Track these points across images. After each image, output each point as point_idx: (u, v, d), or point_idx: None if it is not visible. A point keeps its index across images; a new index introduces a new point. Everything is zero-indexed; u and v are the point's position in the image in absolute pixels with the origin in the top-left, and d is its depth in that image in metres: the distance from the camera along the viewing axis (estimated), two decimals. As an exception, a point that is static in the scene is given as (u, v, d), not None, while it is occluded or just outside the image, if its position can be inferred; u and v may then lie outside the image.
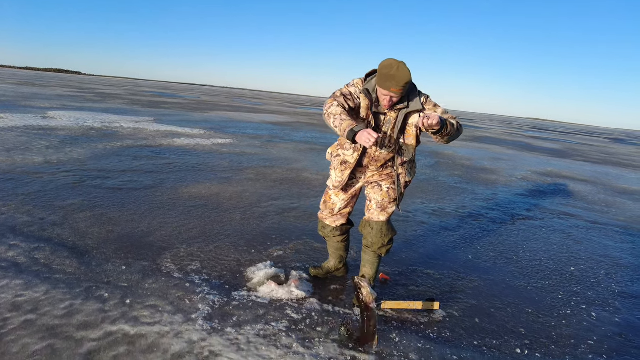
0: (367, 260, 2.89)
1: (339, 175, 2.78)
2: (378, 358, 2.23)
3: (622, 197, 8.03)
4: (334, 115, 2.37)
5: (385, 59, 2.42)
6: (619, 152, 21.99)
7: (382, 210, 2.76)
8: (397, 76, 2.31)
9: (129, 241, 3.55)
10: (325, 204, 2.98)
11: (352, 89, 2.56)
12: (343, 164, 2.75)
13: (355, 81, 2.60)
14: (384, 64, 2.37)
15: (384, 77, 2.35)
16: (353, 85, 2.58)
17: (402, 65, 2.32)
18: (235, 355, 2.12)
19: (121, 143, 8.66)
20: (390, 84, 2.34)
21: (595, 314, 3.06)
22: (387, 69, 2.33)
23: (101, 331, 2.24)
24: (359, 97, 2.54)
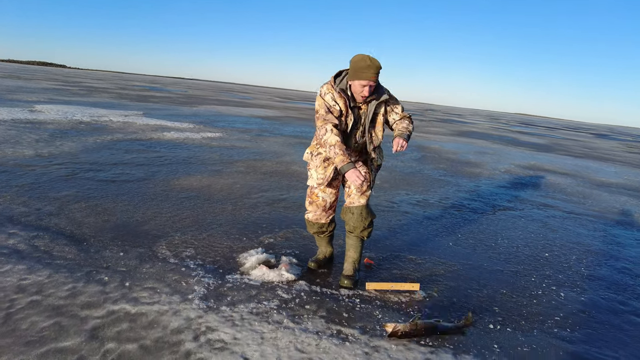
0: (350, 244, 3.08)
1: (322, 172, 2.96)
2: (361, 332, 2.43)
3: (599, 189, 8.36)
4: (330, 146, 2.70)
5: (354, 55, 2.71)
6: (601, 147, 22.56)
7: (361, 194, 2.96)
8: (372, 65, 2.63)
9: (124, 230, 3.69)
10: (313, 204, 3.10)
11: (328, 97, 2.78)
12: (326, 161, 2.95)
13: (326, 87, 2.82)
14: (357, 59, 2.67)
15: (360, 69, 2.64)
16: (326, 93, 2.80)
17: (371, 57, 2.65)
18: (231, 330, 2.30)
19: (111, 137, 8.72)
20: (369, 74, 2.63)
21: (564, 294, 3.31)
22: (362, 62, 2.64)
23: (104, 310, 2.40)
24: (337, 100, 2.78)
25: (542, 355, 2.42)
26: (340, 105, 2.78)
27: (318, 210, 3.10)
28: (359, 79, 2.66)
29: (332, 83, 2.82)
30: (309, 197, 3.12)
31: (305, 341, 2.27)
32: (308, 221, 3.20)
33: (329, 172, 2.94)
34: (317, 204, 3.08)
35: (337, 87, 2.78)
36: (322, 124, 2.75)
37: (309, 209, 3.14)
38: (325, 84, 2.85)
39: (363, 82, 2.67)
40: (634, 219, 6.13)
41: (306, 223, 3.23)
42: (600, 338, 2.69)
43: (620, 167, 13.06)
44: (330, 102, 2.78)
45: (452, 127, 26.07)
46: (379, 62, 2.65)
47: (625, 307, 3.20)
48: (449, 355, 2.29)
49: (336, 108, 2.78)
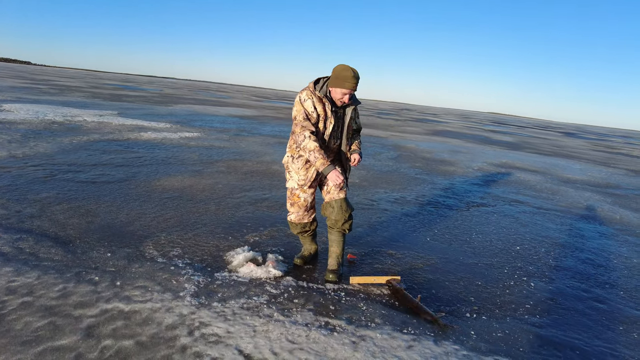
0: (333, 240, 3.22)
1: (304, 174, 3.10)
2: (348, 323, 2.57)
3: (565, 186, 8.79)
4: (309, 151, 2.86)
5: (336, 65, 2.92)
6: (568, 145, 23.49)
7: (339, 190, 3.12)
8: (355, 77, 2.86)
9: (110, 231, 3.72)
10: (295, 205, 3.23)
11: (308, 104, 2.95)
12: (307, 163, 3.09)
13: (306, 93, 2.97)
14: (341, 68, 2.88)
15: (344, 78, 2.86)
16: (306, 99, 2.95)
17: (353, 69, 2.88)
18: (223, 324, 2.40)
19: (87, 137, 8.59)
20: (351, 84, 2.87)
21: (534, 284, 3.54)
22: (345, 72, 2.86)
23: (97, 309, 2.45)
24: (315, 107, 2.94)
25: (515, 339, 2.62)
26: (319, 110, 2.96)
27: (300, 211, 3.23)
28: (342, 88, 2.88)
29: (312, 89, 2.98)
30: (290, 199, 3.24)
31: (296, 333, 2.39)
32: (291, 222, 3.31)
33: (310, 174, 3.09)
34: (299, 204, 3.21)
35: (318, 93, 2.96)
36: (300, 131, 2.91)
37: (291, 210, 3.26)
38: (304, 90, 3.00)
39: (345, 91, 2.89)
40: (597, 213, 6.51)
41: (289, 224, 3.35)
42: (566, 322, 2.92)
43: (585, 165, 13.69)
44: (309, 109, 2.94)
45: (427, 126, 26.62)
46: (358, 74, 2.90)
47: (588, 294, 3.45)
48: (430, 342, 2.45)
49: (314, 115, 2.95)
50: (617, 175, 11.80)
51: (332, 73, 2.93)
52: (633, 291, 3.62)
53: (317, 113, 2.95)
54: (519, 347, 2.54)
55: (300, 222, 3.27)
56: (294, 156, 3.10)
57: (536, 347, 2.57)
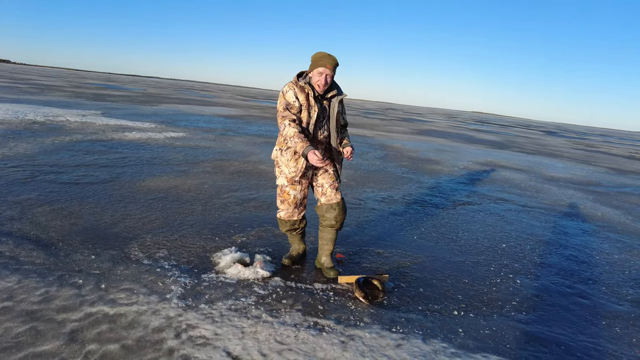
0: (329, 238, 3.24)
1: (293, 165, 3.07)
2: (337, 322, 2.56)
3: (549, 184, 8.93)
4: (290, 137, 2.87)
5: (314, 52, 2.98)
6: (551, 144, 23.91)
7: (336, 191, 3.15)
8: (330, 57, 2.92)
9: (93, 232, 3.65)
10: (285, 202, 3.22)
11: (289, 95, 2.96)
12: (296, 154, 3.06)
13: (288, 85, 3.00)
14: (318, 54, 2.95)
15: (320, 59, 2.91)
16: (288, 90, 2.98)
17: (330, 53, 2.94)
18: (211, 326, 2.37)
19: (70, 137, 8.42)
20: (325, 62, 2.89)
21: (520, 281, 3.58)
22: (320, 54, 2.94)
23: (81, 313, 2.40)
24: (297, 97, 2.94)
25: (502, 336, 2.65)
26: (301, 100, 2.96)
27: (290, 208, 3.22)
28: (317, 67, 2.91)
29: (295, 80, 3.02)
30: (280, 196, 3.22)
31: (285, 333, 2.37)
32: (280, 220, 3.30)
33: (300, 165, 3.06)
34: (289, 201, 3.19)
35: (301, 83, 2.98)
36: (281, 120, 2.95)
37: (281, 207, 3.25)
38: (287, 84, 3.03)
39: (320, 70, 2.91)
40: (579, 210, 6.63)
41: (279, 222, 3.34)
42: (550, 318, 2.96)
43: (567, 163, 13.95)
44: (290, 99, 2.95)
45: (412, 125, 26.80)
46: (335, 57, 2.93)
47: (571, 290, 3.51)
48: (419, 341, 2.46)
49: (295, 104, 2.96)
50: (598, 173, 12.05)
51: (311, 59, 2.99)
52: (615, 286, 3.69)
53: (299, 103, 2.95)
54: (505, 343, 2.57)
55: (289, 220, 3.26)
56: (282, 149, 3.09)
57: (522, 343, 2.60)
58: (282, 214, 3.27)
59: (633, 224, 6.07)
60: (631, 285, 3.75)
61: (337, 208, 3.14)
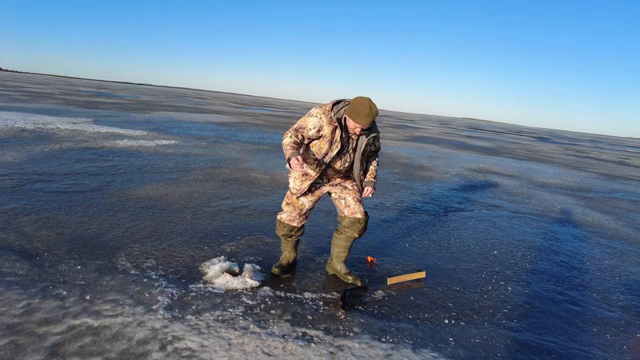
0: (346, 246, 3.30)
1: (298, 184, 3.12)
2: (326, 333, 2.52)
3: (540, 190, 8.98)
4: (285, 146, 2.86)
5: (358, 96, 2.87)
6: (542, 150, 24.10)
7: (360, 204, 3.19)
8: (371, 114, 2.80)
9: (80, 242, 3.59)
10: (291, 206, 3.22)
11: (311, 120, 2.94)
12: (305, 175, 3.11)
13: (318, 110, 2.96)
14: (360, 102, 2.81)
15: (360, 113, 2.80)
16: (314, 115, 2.95)
17: (373, 106, 2.81)
18: (197, 338, 2.32)
19: (60, 145, 8.33)
20: (365, 121, 2.81)
21: (511, 288, 3.57)
22: (363, 107, 2.79)
23: (64, 325, 2.34)
24: (322, 127, 2.93)
25: (493, 345, 2.62)
26: (326, 132, 2.95)
27: (294, 212, 3.22)
28: (355, 121, 2.84)
29: (329, 109, 2.96)
30: (288, 199, 3.25)
31: (272, 345, 2.33)
32: (280, 221, 3.30)
33: (304, 186, 3.10)
34: (296, 205, 3.21)
35: (333, 115, 2.94)
36: (286, 133, 2.95)
37: (285, 209, 3.26)
38: (321, 106, 3.00)
39: (358, 126, 2.87)
40: (570, 216, 6.66)
41: (277, 224, 3.33)
42: (542, 326, 2.95)
43: (558, 169, 14.05)
44: (310, 125, 2.94)
45: (405, 132, 26.92)
46: (376, 111, 2.82)
47: (563, 296, 3.51)
48: (409, 351, 2.43)
49: (310, 132, 2.95)
50: (589, 178, 12.15)
51: (351, 102, 2.89)
52: (605, 293, 3.69)
53: (321, 133, 2.96)
54: (497, 352, 2.55)
55: (289, 224, 3.25)
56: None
57: (514, 351, 2.58)
58: (284, 216, 3.27)
59: (623, 230, 6.11)
60: (622, 292, 3.75)
61: (363, 223, 3.18)
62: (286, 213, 3.26)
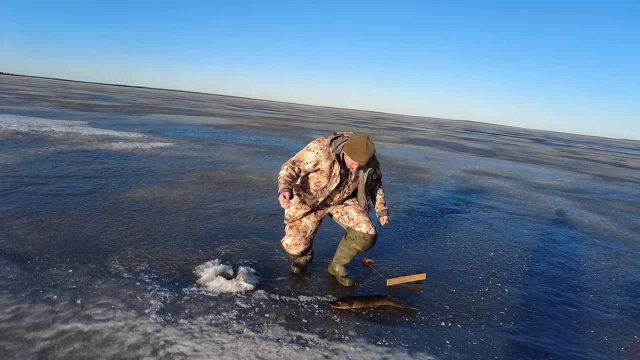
0: (350, 255, 3.26)
1: (293, 210, 3.09)
2: (321, 336, 2.49)
3: (537, 191, 8.98)
4: (280, 178, 2.93)
5: (355, 135, 2.94)
6: (538, 151, 24.17)
7: (364, 214, 3.17)
8: (368, 152, 2.85)
9: (73, 245, 3.54)
10: (294, 229, 3.13)
11: (309, 155, 2.97)
12: (301, 203, 3.11)
13: (317, 145, 2.98)
14: (357, 140, 2.87)
15: (355, 151, 2.85)
16: (312, 150, 2.98)
17: (370, 144, 2.86)
18: (190, 342, 2.29)
19: (54, 148, 8.27)
20: (362, 158, 2.87)
21: (508, 289, 3.55)
22: (360, 146, 2.84)
23: (53, 330, 2.30)
24: (321, 162, 2.97)
25: (489, 348, 2.60)
26: (324, 166, 2.99)
27: (298, 235, 3.13)
28: (353, 158, 2.90)
29: (327, 144, 3.00)
30: (289, 222, 3.17)
31: (266, 349, 2.30)
32: (286, 246, 3.17)
33: (299, 214, 3.08)
34: (299, 228, 3.13)
35: (332, 150, 2.98)
36: (283, 165, 2.99)
37: (289, 233, 3.17)
38: (319, 141, 3.01)
39: (355, 163, 2.93)
40: (567, 217, 6.65)
41: (284, 248, 3.22)
42: (539, 328, 2.92)
43: (555, 170, 14.08)
44: (307, 160, 2.98)
45: (401, 134, 26.94)
46: (372, 149, 2.88)
47: (560, 298, 3.49)
48: (405, 354, 2.40)
49: (306, 166, 2.98)
50: (584, 180, 12.17)
51: (349, 139, 2.94)
52: (602, 294, 3.67)
53: (318, 167, 2.99)
54: (493, 355, 2.52)
55: (295, 252, 3.15)
56: (294, 191, 3.09)
57: (511, 354, 2.56)
58: (288, 241, 3.17)
59: (620, 231, 6.10)
60: (618, 293, 3.74)
61: (369, 240, 3.15)
62: (290, 237, 3.16)
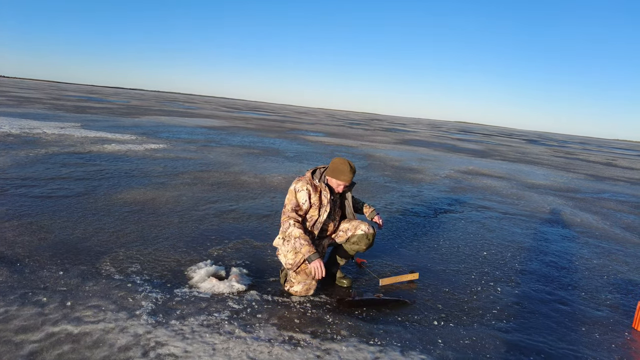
0: (348, 256, 3.33)
1: (292, 257, 3.01)
2: (313, 336, 2.48)
3: (530, 191, 9.03)
4: (295, 238, 2.90)
5: (335, 158, 3.12)
6: (532, 152, 24.31)
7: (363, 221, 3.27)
8: (351, 170, 3.04)
9: (64, 247, 3.51)
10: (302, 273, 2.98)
11: (301, 195, 3.00)
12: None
13: (302, 184, 3.02)
14: (339, 162, 3.06)
15: (340, 172, 3.03)
16: (300, 190, 3.01)
17: (351, 163, 3.07)
18: (181, 343, 2.27)
19: (46, 150, 8.21)
20: (347, 177, 3.04)
21: (500, 288, 3.56)
22: (343, 166, 3.03)
23: (42, 333, 2.27)
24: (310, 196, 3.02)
25: (482, 346, 2.60)
26: (314, 200, 3.04)
27: (308, 280, 2.99)
28: (338, 179, 3.06)
29: (309, 178, 3.06)
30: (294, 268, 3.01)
31: (258, 349, 2.29)
32: (296, 292, 3.00)
33: (298, 259, 2.97)
34: (307, 271, 2.98)
35: (317, 182, 3.05)
36: (285, 219, 2.97)
37: (297, 279, 2.99)
38: (301, 180, 3.03)
39: (340, 182, 3.07)
40: (559, 217, 6.69)
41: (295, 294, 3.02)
42: (531, 326, 2.93)
43: (547, 170, 14.17)
44: (301, 200, 3.00)
45: (396, 135, 27.01)
46: (354, 169, 3.08)
47: (552, 296, 3.50)
48: (397, 353, 2.40)
49: (304, 206, 3.01)
50: (577, 179, 12.26)
51: (330, 164, 3.11)
52: (594, 292, 3.69)
53: (310, 203, 3.03)
54: (486, 353, 2.52)
55: (307, 294, 3.01)
56: (285, 239, 3.06)
57: (503, 352, 2.56)
58: (298, 288, 2.98)
59: (611, 229, 6.15)
60: (610, 291, 3.76)
61: (371, 238, 3.22)
62: (300, 284, 2.98)
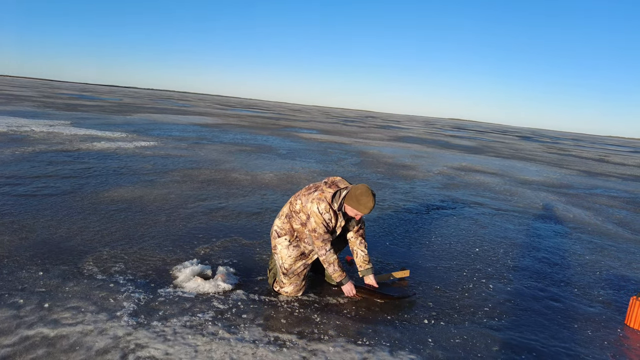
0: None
1: (290, 262, 2.94)
2: (299, 337, 2.41)
3: (522, 187, 9.01)
4: (329, 263, 2.93)
5: (357, 186, 2.92)
6: (525, 148, 24.38)
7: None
8: (371, 206, 2.87)
9: (45, 247, 3.41)
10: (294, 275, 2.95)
11: (326, 217, 2.91)
12: (302, 255, 3.00)
13: (325, 207, 2.89)
14: (362, 192, 2.86)
15: (362, 203, 2.86)
16: (325, 212, 2.90)
17: (373, 196, 2.87)
18: (162, 345, 2.19)
19: (33, 148, 8.06)
20: (367, 211, 2.88)
21: (492, 285, 3.51)
22: (366, 199, 2.85)
23: (16, 336, 2.19)
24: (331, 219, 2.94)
25: (473, 345, 2.54)
26: (332, 223, 2.97)
27: (298, 280, 2.96)
28: (357, 210, 2.90)
29: (329, 202, 2.91)
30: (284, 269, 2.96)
31: (242, 351, 2.21)
32: (287, 293, 2.98)
33: (295, 267, 2.93)
34: (300, 273, 2.96)
35: (335, 207, 2.94)
36: (322, 245, 2.91)
37: (287, 281, 2.96)
38: (322, 202, 2.89)
39: (359, 214, 2.93)
40: (552, 212, 6.67)
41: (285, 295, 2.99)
42: (523, 324, 2.88)
43: (541, 166, 14.18)
44: (328, 222, 2.92)
45: (390, 132, 26.97)
46: (375, 202, 2.91)
47: (544, 293, 3.46)
48: (386, 353, 2.34)
49: (330, 226, 2.96)
50: (570, 176, 12.28)
51: (351, 191, 2.92)
52: (586, 288, 3.66)
53: (332, 224, 2.98)
54: (476, 352, 2.47)
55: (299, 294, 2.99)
56: (292, 244, 2.99)
57: (494, 351, 2.51)
58: (290, 289, 2.96)
59: (603, 225, 6.13)
60: (602, 287, 3.73)
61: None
62: (291, 285, 2.96)
